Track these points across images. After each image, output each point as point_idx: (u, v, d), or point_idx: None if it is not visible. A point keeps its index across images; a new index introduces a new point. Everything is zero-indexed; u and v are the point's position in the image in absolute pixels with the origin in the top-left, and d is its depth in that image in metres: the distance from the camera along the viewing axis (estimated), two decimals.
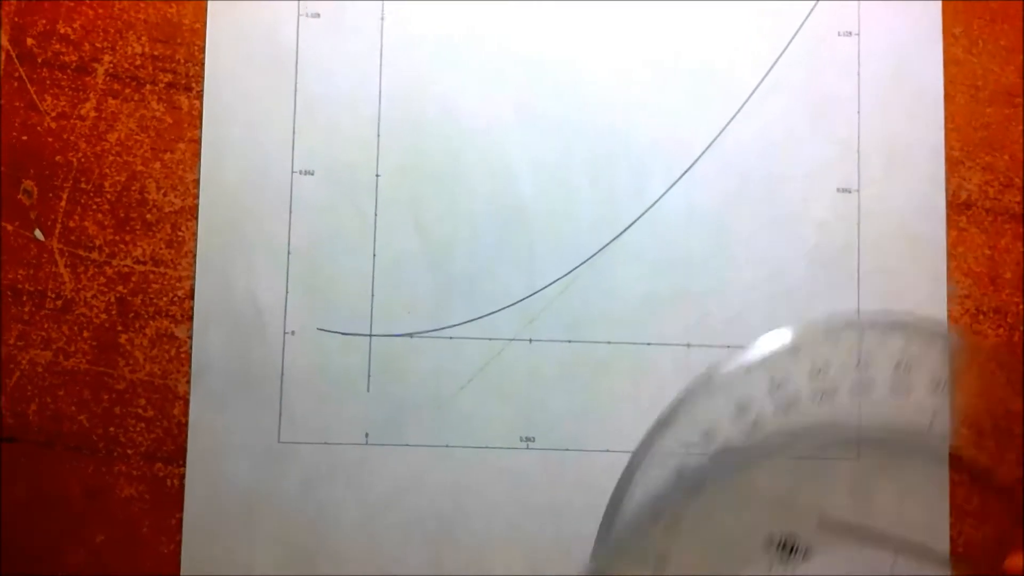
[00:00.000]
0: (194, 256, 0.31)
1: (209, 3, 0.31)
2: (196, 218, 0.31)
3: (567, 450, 0.31)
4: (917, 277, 0.31)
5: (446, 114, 0.31)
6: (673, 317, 0.31)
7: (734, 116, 0.31)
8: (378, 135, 0.31)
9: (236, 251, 0.31)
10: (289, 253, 0.31)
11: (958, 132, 0.32)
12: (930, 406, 0.29)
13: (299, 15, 0.31)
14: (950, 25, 0.32)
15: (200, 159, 0.31)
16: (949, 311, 0.31)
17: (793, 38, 0.32)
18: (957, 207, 0.32)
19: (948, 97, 0.32)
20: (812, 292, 0.31)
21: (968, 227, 0.32)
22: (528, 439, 0.31)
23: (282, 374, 0.31)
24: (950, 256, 0.31)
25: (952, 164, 0.32)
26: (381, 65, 0.31)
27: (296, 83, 0.31)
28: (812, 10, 0.32)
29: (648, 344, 0.31)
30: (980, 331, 0.31)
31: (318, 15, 0.31)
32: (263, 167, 0.31)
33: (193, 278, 0.31)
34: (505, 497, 0.30)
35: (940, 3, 0.32)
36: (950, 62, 0.32)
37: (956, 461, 0.30)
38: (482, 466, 0.30)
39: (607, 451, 0.31)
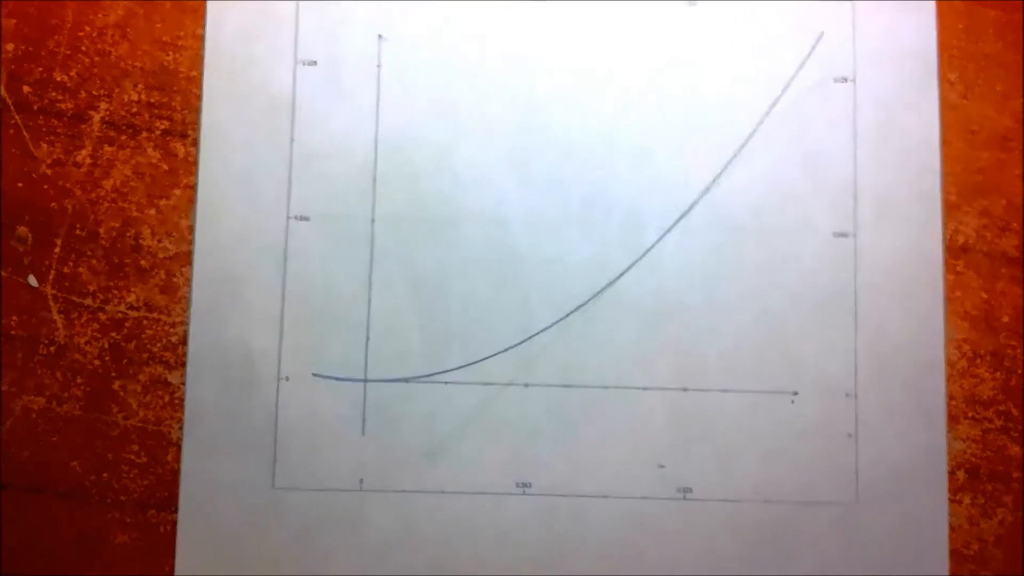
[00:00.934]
0: (188, 302, 0.31)
1: (206, 50, 0.31)
2: (191, 264, 0.31)
3: (563, 496, 0.30)
4: (914, 321, 0.31)
5: (441, 161, 0.31)
6: (667, 361, 0.31)
7: (729, 162, 0.31)
8: (374, 181, 0.31)
9: (230, 297, 0.31)
10: (284, 299, 0.31)
11: (954, 176, 0.32)
12: None
13: (296, 62, 0.32)
14: (946, 71, 0.32)
15: (195, 205, 0.31)
16: (947, 355, 0.31)
17: (789, 84, 0.32)
18: (954, 251, 0.31)
19: (944, 142, 0.32)
20: (808, 336, 0.31)
21: (965, 271, 0.31)
22: (524, 484, 0.30)
23: (276, 420, 0.31)
24: (947, 300, 0.31)
25: (949, 208, 0.32)
26: (377, 112, 0.32)
27: (292, 130, 0.31)
28: (808, 56, 0.32)
29: (643, 388, 0.31)
30: (977, 375, 0.31)
31: (315, 62, 0.32)
32: (258, 213, 0.31)
33: (187, 324, 0.31)
34: (499, 544, 0.30)
35: (936, 48, 0.32)
36: (946, 107, 0.32)
37: None
38: (477, 512, 0.30)
39: (604, 497, 0.30)
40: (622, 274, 0.31)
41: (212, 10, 0.32)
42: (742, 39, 0.32)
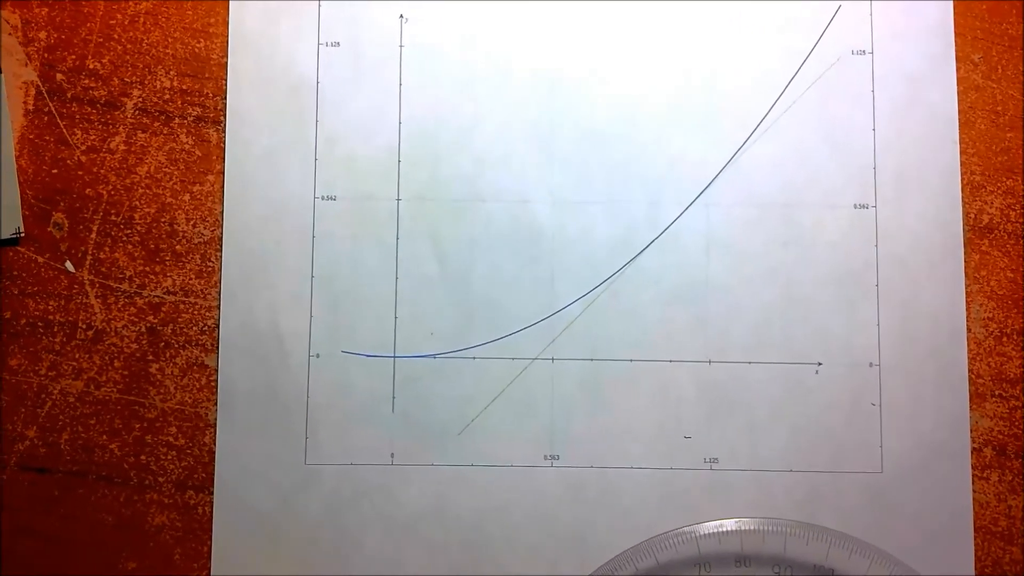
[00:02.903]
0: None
1: (230, 33, 0.32)
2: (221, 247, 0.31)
3: (591, 467, 0.31)
4: (936, 291, 0.31)
5: (464, 141, 0.32)
6: (692, 335, 0.31)
7: (749, 136, 0.32)
8: (398, 161, 0.32)
9: (260, 279, 0.31)
10: (312, 277, 0.31)
11: (979, 157, 0.32)
12: None
13: (319, 44, 0.32)
14: (969, 51, 0.32)
15: (223, 188, 0.32)
16: (973, 334, 0.32)
17: (807, 57, 0.32)
18: (979, 230, 0.32)
19: (968, 123, 0.32)
20: (831, 307, 0.31)
21: (990, 250, 0.32)
22: (552, 456, 0.31)
23: (307, 397, 0.31)
24: (972, 279, 0.32)
25: (973, 188, 0.32)
26: (400, 93, 0.32)
27: (317, 111, 0.32)
28: (827, 27, 0.32)
29: (669, 361, 0.31)
30: (1004, 353, 0.32)
31: (338, 44, 0.32)
32: (285, 195, 0.32)
33: (219, 306, 0.31)
34: (529, 516, 0.31)
35: (952, 19, 0.32)
36: (970, 88, 0.32)
37: None
38: (506, 484, 0.31)
39: (631, 468, 0.31)
40: (644, 249, 0.32)
41: None
42: (760, 14, 0.32)
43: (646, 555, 0.30)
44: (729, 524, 0.30)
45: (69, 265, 0.31)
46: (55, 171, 0.32)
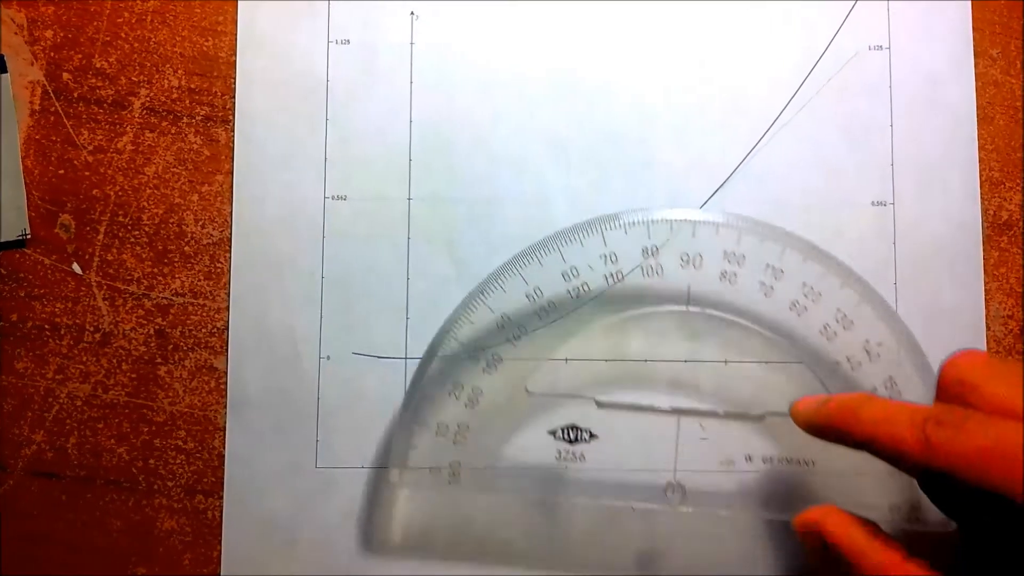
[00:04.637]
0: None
1: (239, 31, 0.32)
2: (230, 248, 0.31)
3: (606, 469, 0.30)
4: (955, 292, 0.31)
5: (478, 141, 0.31)
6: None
7: (764, 134, 0.32)
8: (410, 160, 0.31)
9: (270, 280, 0.31)
10: (323, 278, 0.31)
11: (998, 153, 0.32)
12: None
13: (329, 41, 0.32)
14: (988, 46, 0.32)
15: (232, 188, 0.31)
16: (992, 332, 0.31)
17: (824, 52, 0.32)
18: (998, 227, 0.32)
19: (987, 118, 0.32)
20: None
21: (1009, 247, 0.31)
22: (567, 458, 0.31)
23: (318, 400, 0.31)
24: (992, 277, 0.31)
25: (993, 185, 0.32)
26: (411, 91, 0.32)
27: (327, 110, 0.32)
28: (843, 22, 0.32)
29: (684, 362, 0.31)
30: None
31: (348, 41, 0.32)
32: (295, 195, 0.31)
33: (228, 308, 0.31)
34: (543, 518, 0.30)
35: (970, 13, 0.32)
36: (988, 83, 0.32)
37: None
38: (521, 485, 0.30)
39: (648, 471, 0.30)
40: (660, 247, 0.31)
41: None
42: (776, 11, 0.32)
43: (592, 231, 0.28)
44: (679, 213, 0.29)
45: (76, 267, 0.31)
46: (62, 172, 0.31)
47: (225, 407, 0.30)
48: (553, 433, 0.29)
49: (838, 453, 0.25)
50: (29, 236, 0.31)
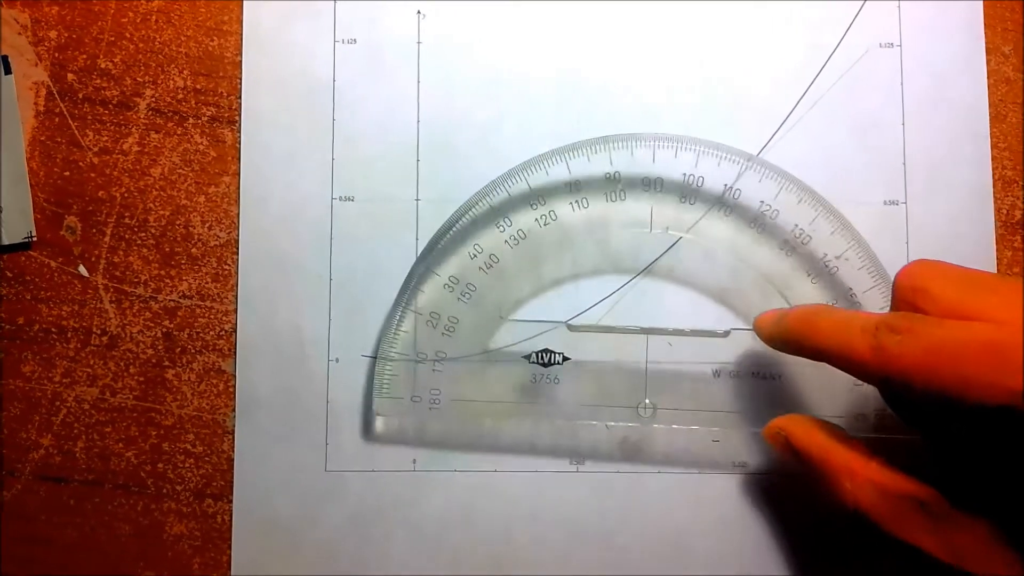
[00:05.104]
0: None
1: (244, 30, 0.31)
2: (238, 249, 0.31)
3: (617, 473, 0.30)
4: None
5: (484, 141, 0.31)
6: (720, 340, 0.31)
7: (774, 134, 0.31)
8: (417, 160, 0.31)
9: (277, 282, 0.31)
10: (331, 280, 0.31)
11: (1011, 151, 0.31)
12: None
13: (335, 41, 0.31)
14: (1000, 43, 0.32)
15: (239, 190, 0.31)
16: None
17: (835, 50, 0.32)
18: (1011, 227, 0.31)
19: (1000, 117, 0.31)
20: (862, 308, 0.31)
21: (1023, 247, 0.31)
22: (578, 461, 0.30)
23: (327, 402, 0.30)
24: None
25: (1006, 184, 0.31)
26: (418, 91, 0.31)
27: (334, 110, 0.31)
28: (854, 19, 0.32)
29: (694, 364, 0.31)
30: None
31: (354, 41, 0.31)
32: (302, 196, 0.31)
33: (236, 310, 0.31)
34: (555, 523, 0.30)
35: (982, 9, 0.32)
36: (1001, 81, 0.32)
37: None
38: (531, 491, 0.30)
39: (659, 472, 0.30)
40: (672, 246, 0.31)
41: None
42: (785, 9, 0.32)
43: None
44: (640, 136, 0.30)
45: (83, 269, 0.31)
46: (67, 173, 0.31)
47: (233, 410, 0.30)
48: (527, 357, 0.30)
49: (803, 365, 0.27)
50: (35, 238, 0.31)
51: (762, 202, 0.30)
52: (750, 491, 0.30)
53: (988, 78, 0.31)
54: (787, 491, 0.30)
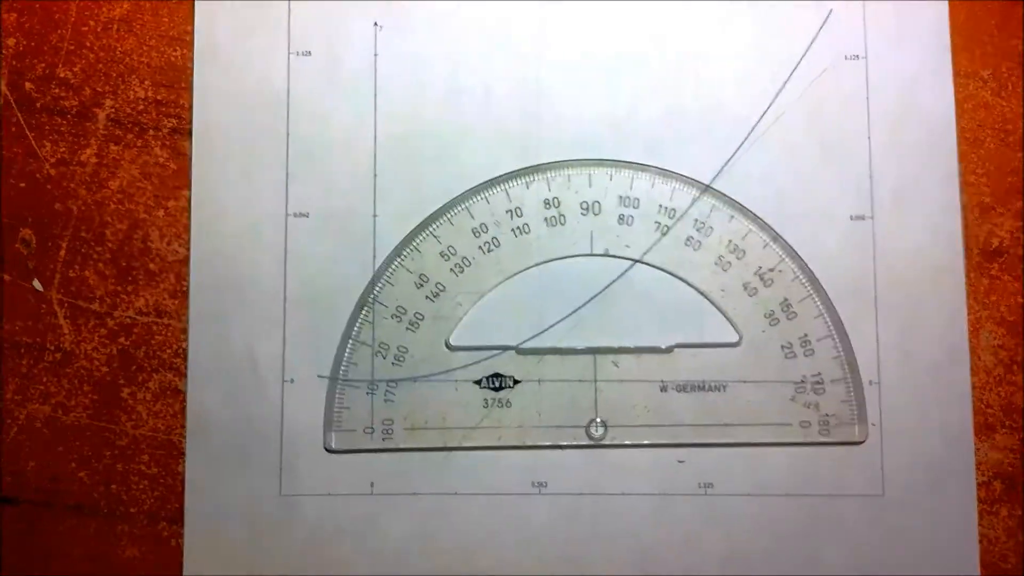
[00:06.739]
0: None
1: (195, 42, 0.31)
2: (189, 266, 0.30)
3: (580, 494, 0.30)
4: (936, 307, 0.30)
5: (445, 154, 0.31)
6: (685, 353, 0.30)
7: (739, 147, 0.31)
8: (375, 175, 0.31)
9: (231, 300, 0.30)
10: (286, 299, 0.30)
11: (988, 177, 0.31)
12: None
13: (289, 53, 0.31)
14: (978, 67, 0.31)
15: (190, 205, 0.30)
16: (983, 362, 0.30)
17: (799, 62, 0.31)
18: (989, 254, 0.31)
19: (977, 141, 0.31)
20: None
21: (1000, 275, 0.31)
22: (540, 484, 0.30)
23: (282, 424, 0.30)
24: (982, 305, 0.31)
25: (983, 210, 0.31)
26: (375, 104, 0.31)
27: (288, 124, 0.31)
28: (819, 31, 0.31)
29: (660, 381, 0.30)
30: (1014, 382, 0.30)
31: (309, 53, 0.31)
32: (256, 211, 0.30)
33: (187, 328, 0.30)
34: (517, 547, 0.30)
35: (947, 21, 0.31)
36: (979, 105, 0.31)
37: None
38: (493, 513, 0.30)
39: (623, 494, 0.30)
40: (633, 265, 0.31)
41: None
42: (749, 18, 0.31)
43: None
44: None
45: (37, 284, 0.30)
46: (23, 185, 0.30)
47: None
48: (478, 383, 0.30)
49: (746, 377, 0.30)
50: None
51: (696, 220, 0.31)
52: (716, 510, 0.30)
53: (967, 103, 0.31)
54: (754, 510, 0.30)
